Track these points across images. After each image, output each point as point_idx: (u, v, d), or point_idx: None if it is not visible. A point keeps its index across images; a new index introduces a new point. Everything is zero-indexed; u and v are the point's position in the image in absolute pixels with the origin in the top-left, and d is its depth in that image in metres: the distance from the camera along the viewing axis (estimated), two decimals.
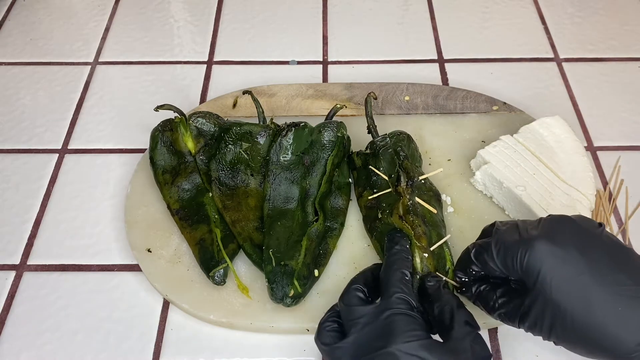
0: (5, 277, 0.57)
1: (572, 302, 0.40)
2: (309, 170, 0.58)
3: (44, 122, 0.70)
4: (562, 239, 0.42)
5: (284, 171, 0.57)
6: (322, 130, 0.59)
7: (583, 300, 0.40)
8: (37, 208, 0.62)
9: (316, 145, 0.59)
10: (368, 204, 0.57)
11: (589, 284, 0.40)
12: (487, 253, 0.44)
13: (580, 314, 0.40)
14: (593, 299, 0.39)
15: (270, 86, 0.71)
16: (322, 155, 0.58)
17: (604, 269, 0.40)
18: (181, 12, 0.84)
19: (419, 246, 0.51)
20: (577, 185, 0.57)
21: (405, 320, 0.42)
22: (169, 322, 0.54)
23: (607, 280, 0.40)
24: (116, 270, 0.57)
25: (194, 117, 0.60)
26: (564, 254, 0.41)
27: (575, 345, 0.42)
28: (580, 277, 0.40)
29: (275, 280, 0.52)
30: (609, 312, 0.39)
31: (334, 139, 0.59)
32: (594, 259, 0.41)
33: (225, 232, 0.56)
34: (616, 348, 0.39)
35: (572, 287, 0.40)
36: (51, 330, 0.53)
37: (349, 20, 0.82)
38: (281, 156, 0.57)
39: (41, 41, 0.80)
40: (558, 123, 0.62)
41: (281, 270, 0.52)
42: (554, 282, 0.40)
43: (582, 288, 0.40)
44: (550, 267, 0.41)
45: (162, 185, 0.59)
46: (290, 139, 0.57)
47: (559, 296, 0.40)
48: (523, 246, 0.42)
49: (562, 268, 0.40)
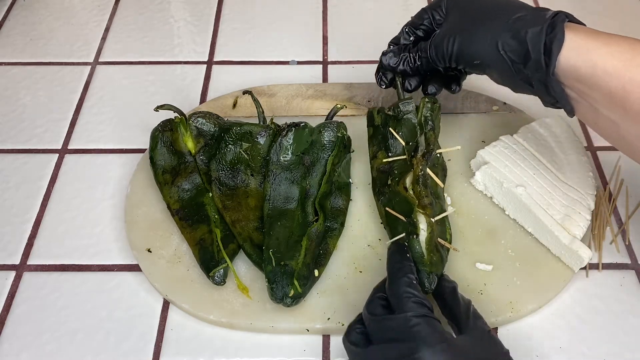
0: (5, 277, 0.57)
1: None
2: (309, 171, 0.58)
3: (44, 122, 0.70)
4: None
5: (284, 171, 0.57)
6: (322, 130, 0.59)
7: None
8: (37, 208, 0.62)
9: (316, 145, 0.58)
10: (381, 167, 0.58)
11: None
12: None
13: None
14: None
15: (270, 86, 0.71)
16: (322, 156, 0.58)
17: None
18: (181, 12, 0.84)
19: (424, 213, 0.53)
20: (577, 185, 0.57)
21: (426, 325, 0.42)
22: (169, 322, 0.54)
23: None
24: (116, 270, 0.57)
25: (194, 117, 0.60)
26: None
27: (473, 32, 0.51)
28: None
29: (275, 280, 0.52)
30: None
31: (334, 139, 0.58)
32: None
33: (225, 232, 0.56)
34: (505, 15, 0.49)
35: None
36: (51, 330, 0.53)
37: (349, 20, 0.82)
38: (281, 156, 0.57)
39: (41, 41, 0.80)
40: (558, 123, 0.63)
41: (281, 270, 0.52)
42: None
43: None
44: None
45: (162, 185, 0.59)
46: (291, 139, 0.57)
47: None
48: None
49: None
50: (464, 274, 0.54)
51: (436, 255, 0.51)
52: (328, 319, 0.52)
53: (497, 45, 0.49)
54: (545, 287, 0.54)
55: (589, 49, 0.45)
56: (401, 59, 0.57)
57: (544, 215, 0.55)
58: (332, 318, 0.52)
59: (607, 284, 0.56)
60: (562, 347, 0.52)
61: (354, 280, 0.54)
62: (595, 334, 0.52)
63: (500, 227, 0.58)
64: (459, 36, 0.51)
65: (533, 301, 0.53)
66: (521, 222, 0.58)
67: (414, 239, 0.51)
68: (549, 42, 0.46)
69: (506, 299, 0.53)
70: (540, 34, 0.46)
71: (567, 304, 0.54)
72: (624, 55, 0.43)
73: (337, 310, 0.52)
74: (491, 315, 0.52)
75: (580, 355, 0.51)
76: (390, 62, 0.58)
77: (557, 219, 0.54)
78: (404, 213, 0.53)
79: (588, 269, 0.56)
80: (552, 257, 0.55)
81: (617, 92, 0.44)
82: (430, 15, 0.57)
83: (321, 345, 0.52)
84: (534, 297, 0.53)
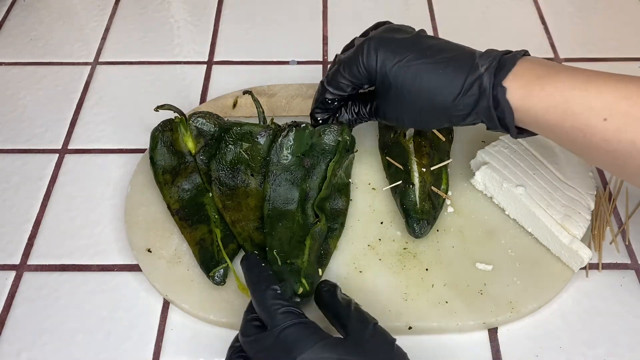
0: (5, 277, 0.57)
1: (406, 78, 0.49)
2: (309, 173, 0.58)
3: (44, 122, 0.70)
4: (389, 38, 0.51)
5: (284, 172, 0.57)
6: (323, 134, 0.58)
7: (413, 74, 0.49)
8: (37, 208, 0.62)
9: (316, 148, 0.58)
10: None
11: (414, 61, 0.49)
12: (342, 73, 0.53)
13: (411, 84, 0.49)
14: (420, 70, 0.49)
15: (270, 86, 0.71)
16: (323, 160, 0.58)
17: (421, 52, 0.50)
18: (181, 12, 0.84)
19: (419, 162, 0.59)
20: (577, 185, 0.57)
21: (299, 330, 0.41)
22: (169, 322, 0.54)
23: (428, 56, 0.49)
24: (116, 270, 0.57)
25: (194, 117, 0.60)
26: (392, 47, 0.50)
27: (414, 114, 0.51)
28: (407, 58, 0.49)
29: (283, 278, 0.52)
30: (432, 77, 0.49)
31: (335, 143, 0.58)
32: (412, 47, 0.50)
33: (225, 232, 0.56)
34: (443, 101, 0.49)
35: (402, 68, 0.49)
36: (51, 330, 0.53)
37: (349, 20, 0.82)
38: (281, 157, 0.57)
39: (41, 41, 0.80)
40: None
41: (288, 269, 0.52)
42: (388, 68, 0.50)
43: (410, 66, 0.49)
44: (383, 58, 0.50)
45: (162, 185, 0.59)
46: (291, 139, 0.57)
47: (395, 78, 0.50)
48: (360, 52, 0.51)
49: (393, 57, 0.50)
50: (464, 274, 0.54)
51: (427, 203, 0.57)
52: None
53: (451, 122, 0.51)
54: (545, 287, 0.54)
55: (529, 108, 0.46)
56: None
57: (544, 215, 0.55)
58: None
59: (607, 284, 0.56)
60: (562, 347, 0.52)
61: (354, 280, 0.54)
62: (595, 334, 0.52)
63: (500, 227, 0.58)
64: (407, 118, 0.52)
65: (533, 301, 0.53)
66: (521, 222, 0.58)
67: (409, 187, 0.57)
68: (502, 117, 0.47)
69: (506, 299, 0.53)
70: (489, 110, 0.48)
71: (567, 304, 0.54)
72: (559, 109, 0.44)
73: None
74: (491, 315, 0.52)
75: (580, 355, 0.51)
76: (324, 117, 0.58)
77: (557, 219, 0.54)
78: (402, 162, 0.59)
79: (588, 269, 0.56)
80: (552, 257, 0.55)
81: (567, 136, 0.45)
82: (349, 85, 0.54)
83: None
84: (534, 297, 0.53)
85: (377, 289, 0.54)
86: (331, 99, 0.55)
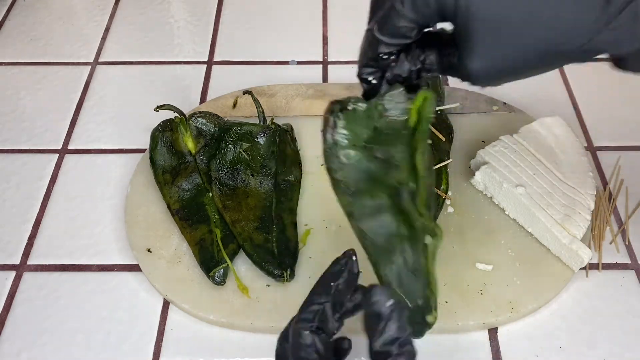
0: (5, 277, 0.57)
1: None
2: (389, 164, 0.40)
3: (44, 122, 0.70)
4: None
5: (352, 172, 0.41)
6: (386, 107, 0.40)
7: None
8: (37, 208, 0.62)
9: (384, 129, 0.40)
10: None
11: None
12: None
13: (522, 14, 0.34)
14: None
15: (270, 86, 0.71)
16: (399, 139, 0.40)
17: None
18: (181, 12, 0.84)
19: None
20: (577, 185, 0.57)
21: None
22: (169, 322, 0.54)
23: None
24: (116, 270, 0.57)
25: (194, 117, 0.60)
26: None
27: (519, 56, 0.37)
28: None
29: (415, 321, 0.43)
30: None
31: (408, 114, 0.39)
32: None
33: (225, 232, 0.56)
34: (576, 29, 0.34)
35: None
36: (51, 330, 0.53)
37: (349, 20, 0.82)
38: (340, 156, 0.40)
39: (41, 41, 0.80)
40: (558, 123, 0.62)
41: (416, 309, 0.44)
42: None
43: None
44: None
45: (162, 185, 0.59)
46: (342, 130, 0.40)
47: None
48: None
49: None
50: (463, 273, 0.54)
51: None
52: None
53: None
54: (545, 287, 0.54)
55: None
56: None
57: (544, 215, 0.55)
58: None
59: (607, 284, 0.56)
60: (562, 347, 0.52)
61: None
62: (595, 334, 0.52)
63: (500, 227, 0.58)
64: (505, 66, 0.39)
65: (533, 301, 0.53)
66: (521, 222, 0.58)
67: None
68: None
69: (506, 299, 0.53)
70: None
71: (567, 304, 0.54)
72: None
73: None
74: (491, 315, 0.52)
75: (580, 355, 0.51)
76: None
77: (557, 219, 0.54)
78: None
79: (588, 269, 0.56)
80: (552, 257, 0.55)
81: None
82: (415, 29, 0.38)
83: None
84: (534, 297, 0.53)
85: None
86: (387, 52, 0.40)
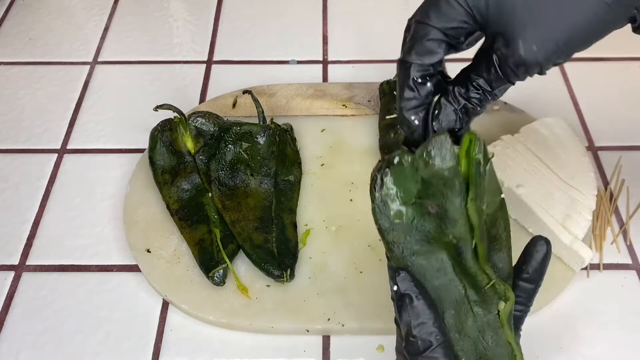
0: (4, 278, 0.57)
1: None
2: (444, 218, 0.37)
3: (43, 122, 0.70)
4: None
5: (408, 235, 0.38)
6: (431, 156, 0.35)
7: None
8: (36, 208, 0.62)
9: (433, 180, 0.36)
10: (387, 122, 0.63)
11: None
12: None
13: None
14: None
15: (270, 86, 0.71)
16: (452, 192, 0.36)
17: None
18: (181, 12, 0.84)
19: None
20: (578, 185, 0.57)
21: None
22: (168, 323, 0.54)
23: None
24: (115, 270, 0.57)
25: (194, 117, 0.60)
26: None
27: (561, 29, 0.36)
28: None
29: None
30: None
31: (454, 162, 0.36)
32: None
33: (225, 232, 0.56)
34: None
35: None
36: (50, 330, 0.53)
37: (349, 20, 0.82)
38: (391, 216, 0.38)
39: (40, 41, 0.80)
40: (559, 123, 0.62)
41: None
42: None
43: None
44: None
45: (161, 185, 0.59)
46: (391, 186, 0.37)
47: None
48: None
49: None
50: None
51: None
52: (328, 319, 0.52)
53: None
54: (546, 287, 0.53)
55: None
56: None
57: (545, 215, 0.54)
58: (332, 319, 0.52)
59: (608, 284, 0.55)
60: (562, 347, 0.52)
61: (354, 280, 0.54)
62: (596, 334, 0.52)
63: None
64: (552, 41, 0.37)
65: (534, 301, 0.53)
66: (521, 222, 0.57)
67: None
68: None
69: None
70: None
71: (568, 304, 0.54)
72: None
73: (337, 311, 0.52)
74: None
75: (580, 355, 0.51)
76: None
77: (558, 219, 0.54)
78: None
79: (589, 269, 0.56)
80: (553, 257, 0.55)
81: None
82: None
83: (321, 345, 0.52)
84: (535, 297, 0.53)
85: (377, 288, 0.54)
86: (421, 75, 0.37)
